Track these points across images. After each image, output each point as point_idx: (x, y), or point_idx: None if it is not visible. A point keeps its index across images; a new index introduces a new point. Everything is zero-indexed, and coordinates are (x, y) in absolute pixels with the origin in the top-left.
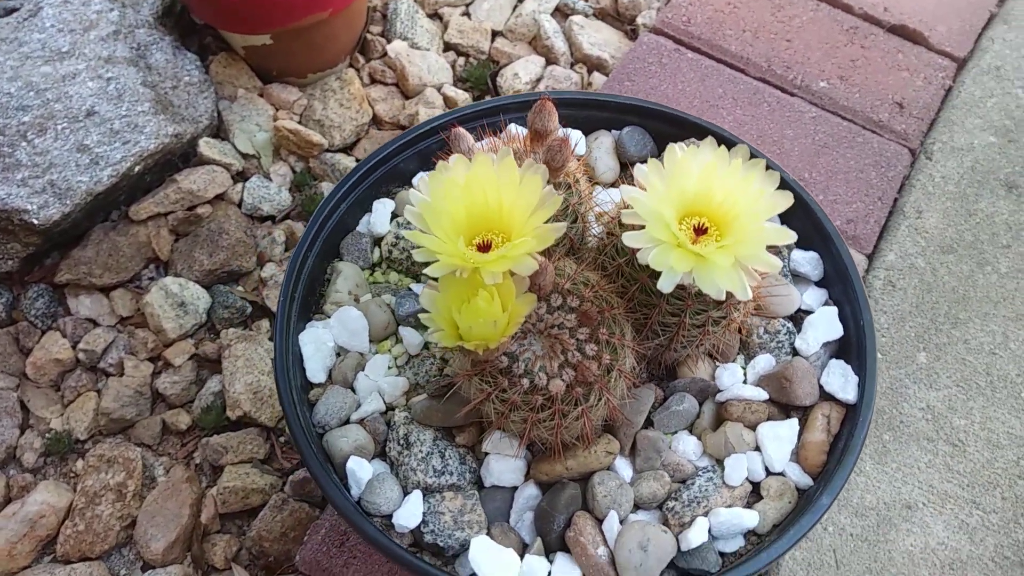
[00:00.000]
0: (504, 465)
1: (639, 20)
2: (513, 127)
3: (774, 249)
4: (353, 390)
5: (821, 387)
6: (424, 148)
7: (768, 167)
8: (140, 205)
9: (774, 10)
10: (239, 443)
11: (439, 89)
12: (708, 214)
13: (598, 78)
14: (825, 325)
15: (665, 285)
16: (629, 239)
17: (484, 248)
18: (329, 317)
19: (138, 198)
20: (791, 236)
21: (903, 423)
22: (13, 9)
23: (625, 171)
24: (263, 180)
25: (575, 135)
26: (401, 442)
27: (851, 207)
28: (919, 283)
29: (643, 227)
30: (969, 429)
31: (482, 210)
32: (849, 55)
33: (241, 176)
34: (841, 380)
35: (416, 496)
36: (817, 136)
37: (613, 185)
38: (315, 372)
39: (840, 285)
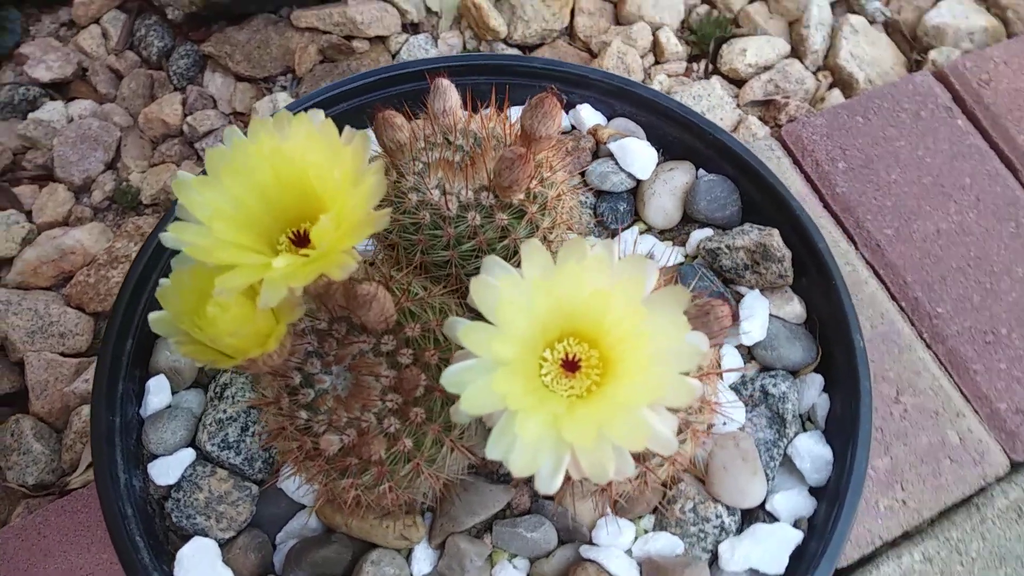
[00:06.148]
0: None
1: (932, 54)
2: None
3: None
4: None
5: None
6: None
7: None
8: (304, 12)
9: None
10: None
11: (655, 30)
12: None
13: (836, 97)
14: (770, 552)
15: (460, 418)
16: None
17: (299, 242)
18: None
19: (308, 5)
20: (670, 444)
21: None
22: None
23: (684, 227)
24: (429, 42)
25: (646, 148)
26: (218, 388)
27: None
28: None
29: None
30: None
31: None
32: None
33: (413, 28)
34: None
35: (185, 455)
36: None
37: (672, 237)
38: None
39: (835, 508)
